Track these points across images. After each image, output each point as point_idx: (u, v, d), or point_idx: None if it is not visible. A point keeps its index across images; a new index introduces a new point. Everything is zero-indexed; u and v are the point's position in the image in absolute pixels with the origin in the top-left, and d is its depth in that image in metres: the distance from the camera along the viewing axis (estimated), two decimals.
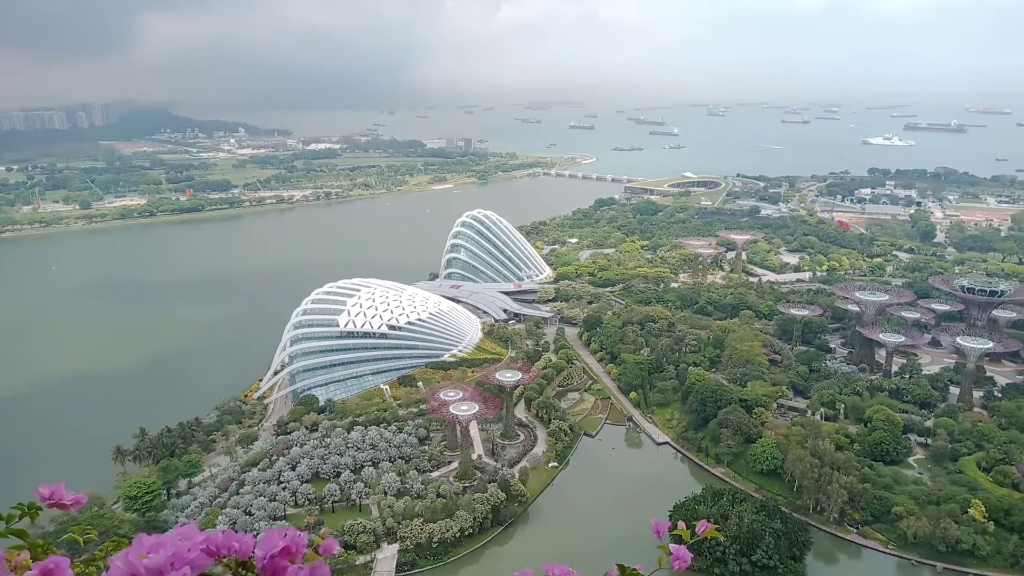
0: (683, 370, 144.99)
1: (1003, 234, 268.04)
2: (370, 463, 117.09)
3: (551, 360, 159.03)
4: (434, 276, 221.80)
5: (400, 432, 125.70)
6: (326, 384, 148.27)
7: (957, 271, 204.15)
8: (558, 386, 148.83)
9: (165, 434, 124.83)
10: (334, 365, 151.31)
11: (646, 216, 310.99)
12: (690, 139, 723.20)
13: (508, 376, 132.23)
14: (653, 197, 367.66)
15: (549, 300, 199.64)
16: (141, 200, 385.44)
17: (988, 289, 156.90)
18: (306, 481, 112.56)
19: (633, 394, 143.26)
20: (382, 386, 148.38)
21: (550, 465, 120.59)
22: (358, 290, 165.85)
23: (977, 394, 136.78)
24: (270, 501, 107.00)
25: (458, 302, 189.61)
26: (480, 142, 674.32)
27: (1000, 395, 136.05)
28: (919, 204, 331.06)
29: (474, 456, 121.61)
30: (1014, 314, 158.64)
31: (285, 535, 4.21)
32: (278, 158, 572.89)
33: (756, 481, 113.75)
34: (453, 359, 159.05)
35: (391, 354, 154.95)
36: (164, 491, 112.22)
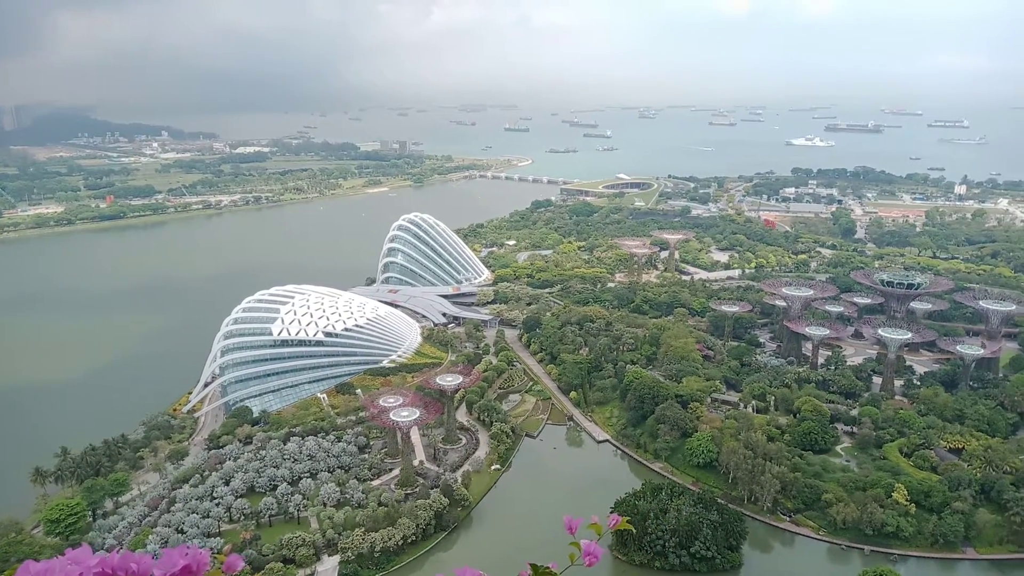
0: (621, 368, 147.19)
1: (918, 229, 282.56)
2: (308, 474, 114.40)
3: (492, 363, 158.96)
4: (371, 281, 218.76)
5: (339, 441, 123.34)
6: (260, 395, 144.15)
7: (877, 265, 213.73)
8: (499, 388, 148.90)
9: (89, 452, 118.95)
10: (268, 375, 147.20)
11: (582, 217, 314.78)
12: (623, 141, 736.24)
13: (449, 380, 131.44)
14: (589, 198, 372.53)
15: (488, 302, 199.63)
16: (58, 208, 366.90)
17: (906, 282, 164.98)
18: (241, 496, 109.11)
19: (573, 394, 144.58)
20: (319, 395, 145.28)
21: (493, 468, 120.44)
22: (292, 297, 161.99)
23: (898, 383, 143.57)
24: (203, 518, 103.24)
25: (396, 307, 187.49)
26: (415, 144, 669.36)
27: (919, 383, 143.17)
28: (840, 202, 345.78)
29: (416, 462, 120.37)
30: (930, 305, 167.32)
31: (186, 553, 3.90)
32: (204, 162, 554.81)
33: (693, 474, 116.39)
34: (392, 365, 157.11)
35: (328, 362, 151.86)
36: (89, 513, 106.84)
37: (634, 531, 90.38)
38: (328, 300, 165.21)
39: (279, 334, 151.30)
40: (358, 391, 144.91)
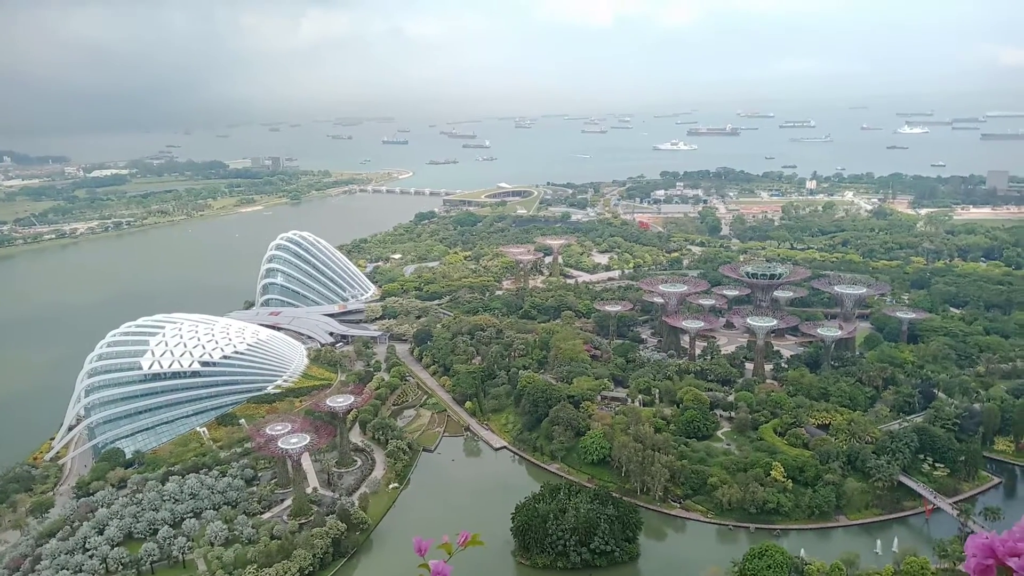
0: (514, 374, 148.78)
1: (776, 223, 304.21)
2: (192, 514, 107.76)
3: (384, 379, 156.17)
4: (250, 304, 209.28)
5: (224, 476, 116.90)
6: (132, 434, 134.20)
7: (742, 259, 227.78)
8: (393, 405, 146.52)
9: None
10: (140, 412, 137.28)
11: (467, 227, 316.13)
12: (501, 151, 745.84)
13: (339, 401, 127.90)
14: (472, 208, 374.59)
15: (377, 318, 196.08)
16: None
17: (768, 273, 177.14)
18: (118, 544, 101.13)
19: (468, 403, 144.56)
20: (199, 429, 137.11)
21: (391, 487, 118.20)
22: (163, 327, 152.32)
23: (768, 367, 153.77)
24: (75, 573, 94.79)
25: (279, 329, 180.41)
26: (289, 160, 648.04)
27: (786, 366, 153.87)
28: (705, 202, 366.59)
29: (309, 489, 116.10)
30: (791, 293, 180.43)
31: None
32: (55, 188, 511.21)
33: (589, 472, 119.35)
34: (278, 390, 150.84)
35: (207, 393, 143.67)
36: None
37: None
38: (203, 327, 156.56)
39: (150, 367, 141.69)
40: (242, 421, 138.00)
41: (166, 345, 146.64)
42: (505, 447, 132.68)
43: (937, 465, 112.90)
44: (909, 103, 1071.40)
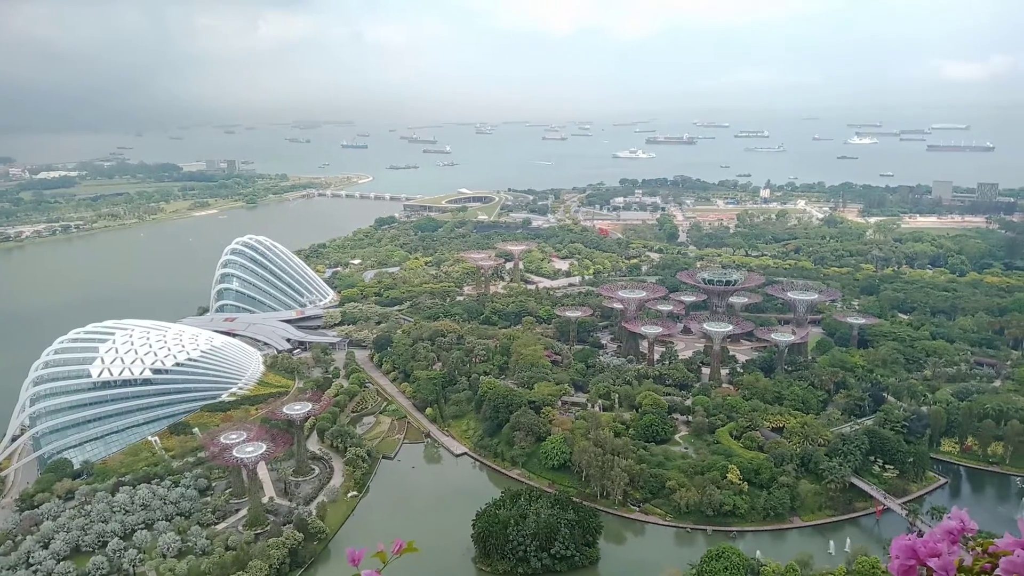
0: (475, 380, 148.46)
1: (732, 231, 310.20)
2: (143, 526, 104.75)
3: (343, 386, 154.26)
4: (204, 310, 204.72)
5: (176, 486, 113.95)
6: (80, 444, 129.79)
7: (699, 266, 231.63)
8: (352, 412, 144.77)
9: None
10: (89, 421, 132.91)
11: (427, 233, 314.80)
12: (462, 156, 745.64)
13: (297, 409, 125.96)
14: (433, 214, 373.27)
15: (336, 324, 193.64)
16: None
17: (724, 280, 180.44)
18: (64, 558, 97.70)
19: (429, 410, 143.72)
20: (151, 438, 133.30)
21: (349, 495, 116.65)
22: (113, 333, 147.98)
23: (724, 371, 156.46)
24: None
25: (234, 336, 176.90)
26: (245, 163, 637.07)
27: (742, 370, 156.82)
28: (663, 209, 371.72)
29: (265, 499, 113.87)
30: (746, 299, 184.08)
31: None
32: None
33: (549, 477, 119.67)
34: (233, 398, 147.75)
35: (159, 401, 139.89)
36: None
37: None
38: (155, 334, 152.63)
39: (100, 375, 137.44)
40: (195, 430, 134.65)
41: (116, 352, 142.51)
42: (466, 453, 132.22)
43: (887, 467, 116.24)
44: (858, 114, 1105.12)
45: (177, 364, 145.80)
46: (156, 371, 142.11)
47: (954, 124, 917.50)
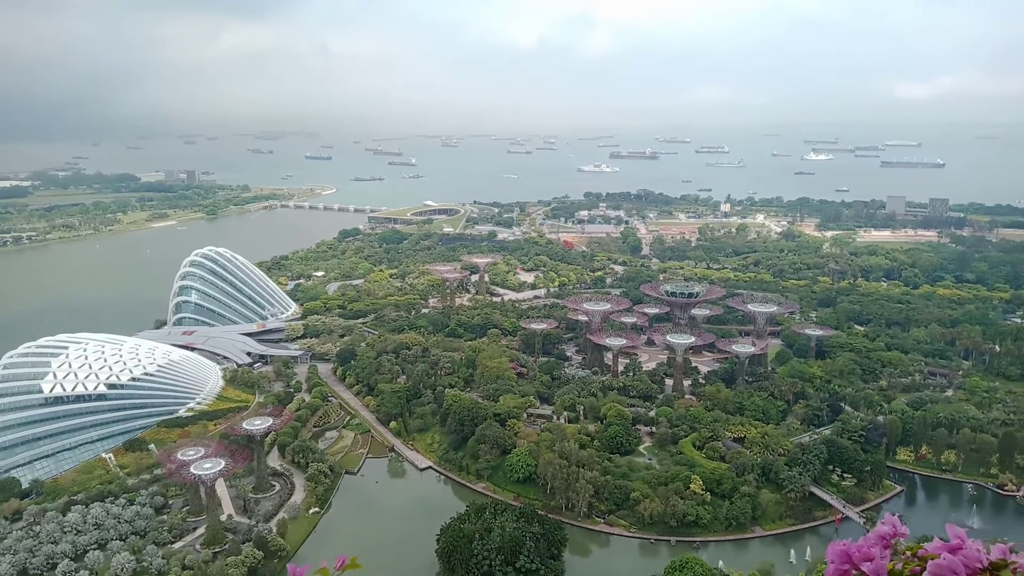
0: (440, 393, 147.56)
1: (693, 244, 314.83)
2: (96, 546, 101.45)
3: (305, 400, 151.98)
4: (161, 323, 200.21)
5: (131, 504, 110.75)
6: (30, 462, 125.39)
7: (662, 278, 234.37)
8: (314, 427, 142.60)
9: None
10: (40, 438, 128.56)
11: (392, 245, 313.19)
12: (428, 169, 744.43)
13: (257, 424, 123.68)
14: (398, 226, 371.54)
15: (298, 337, 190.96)
16: None
17: (686, 292, 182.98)
18: None
19: (393, 423, 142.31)
20: (105, 455, 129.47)
21: (311, 512, 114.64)
22: (66, 347, 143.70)
23: (687, 383, 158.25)
24: None
25: (193, 349, 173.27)
26: (205, 174, 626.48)
27: (704, 381, 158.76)
28: (627, 222, 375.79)
29: (223, 517, 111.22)
30: (708, 311, 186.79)
31: None
32: None
33: (514, 490, 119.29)
34: (191, 413, 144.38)
35: (113, 417, 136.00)
36: None
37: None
38: (110, 348, 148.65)
39: (51, 390, 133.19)
40: (151, 447, 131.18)
41: (70, 367, 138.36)
42: (431, 467, 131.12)
43: (845, 475, 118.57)
44: (815, 131, 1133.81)
45: (133, 379, 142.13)
46: (111, 386, 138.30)
47: (906, 141, 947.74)
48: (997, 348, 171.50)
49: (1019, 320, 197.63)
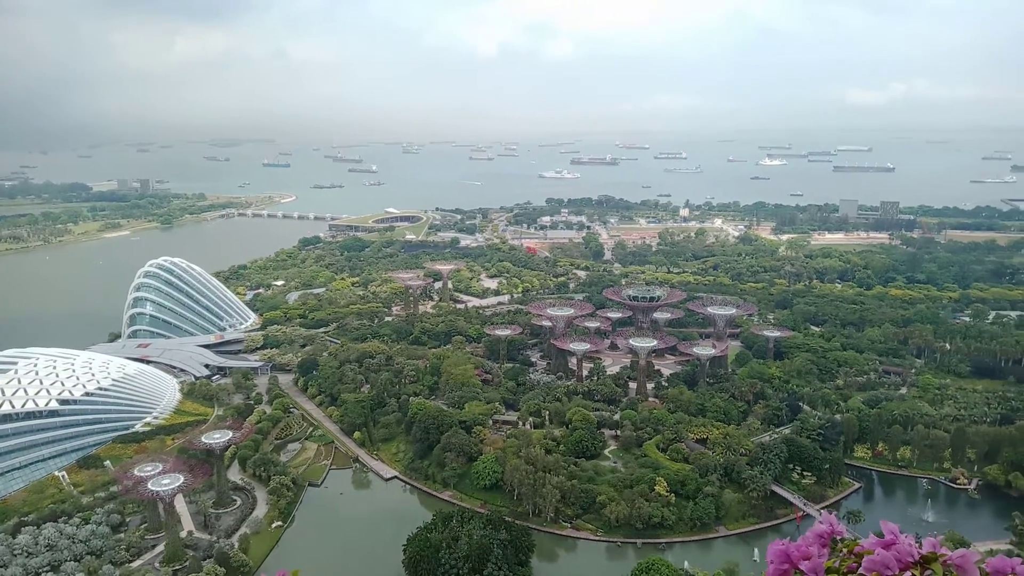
0: (405, 402, 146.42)
1: (654, 249, 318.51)
2: (48, 568, 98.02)
3: (266, 412, 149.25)
4: (116, 336, 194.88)
5: (86, 524, 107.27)
6: None
7: (624, 283, 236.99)
8: (276, 439, 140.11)
9: None
10: None
11: (354, 253, 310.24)
12: (389, 176, 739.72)
13: (216, 437, 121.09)
14: (359, 234, 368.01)
15: (257, 348, 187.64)
16: None
17: (648, 296, 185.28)
18: None
19: (357, 434, 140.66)
20: (57, 473, 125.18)
21: (274, 526, 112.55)
22: (15, 363, 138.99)
23: (650, 385, 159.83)
24: None
25: (148, 362, 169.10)
26: (160, 183, 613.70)
27: (666, 384, 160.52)
28: (589, 228, 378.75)
29: (183, 533, 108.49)
30: (669, 314, 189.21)
31: None
32: None
33: (481, 497, 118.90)
34: (148, 428, 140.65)
35: (66, 434, 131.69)
36: None
37: None
38: (62, 363, 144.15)
39: (0, 407, 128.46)
40: (107, 463, 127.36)
41: (19, 383, 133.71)
42: (396, 477, 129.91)
43: (805, 473, 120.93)
44: (770, 137, 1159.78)
45: (86, 394, 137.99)
46: (63, 402, 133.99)
47: (858, 146, 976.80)
48: (947, 346, 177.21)
49: (968, 319, 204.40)
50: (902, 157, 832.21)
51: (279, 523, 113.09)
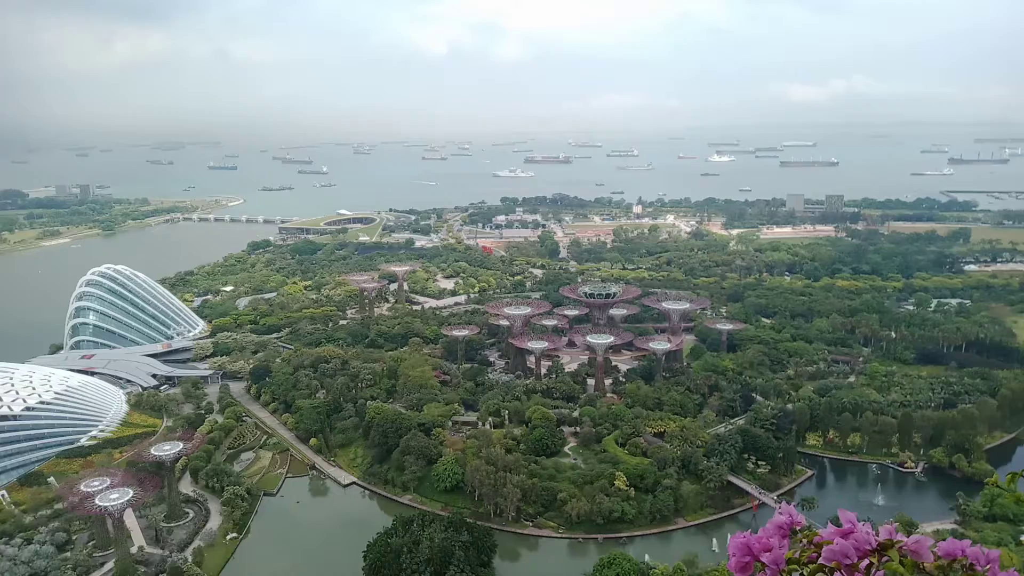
0: (362, 406, 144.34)
1: (609, 246, 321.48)
2: None
3: (217, 422, 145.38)
4: (57, 348, 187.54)
5: (29, 544, 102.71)
6: None
7: (580, 280, 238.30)
8: (228, 449, 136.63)
9: None
10: None
11: (306, 256, 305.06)
12: (340, 177, 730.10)
13: (166, 449, 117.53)
14: (311, 236, 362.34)
15: (207, 356, 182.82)
16: None
17: (604, 293, 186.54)
18: None
19: (313, 440, 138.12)
20: None
21: (228, 538, 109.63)
22: None
23: (608, 382, 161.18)
24: None
25: (93, 374, 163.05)
26: (100, 188, 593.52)
27: (624, 379, 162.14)
28: (544, 226, 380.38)
29: (134, 549, 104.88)
30: (625, 311, 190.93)
31: None
32: None
33: (442, 499, 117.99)
34: (94, 442, 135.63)
35: (6, 451, 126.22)
36: None
37: None
38: (0, 377, 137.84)
39: None
40: (50, 479, 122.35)
41: None
42: (354, 483, 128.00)
43: (759, 463, 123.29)
44: (718, 134, 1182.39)
45: (27, 408, 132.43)
46: (2, 418, 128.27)
47: (803, 142, 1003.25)
48: (893, 334, 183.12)
49: (911, 308, 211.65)
50: (845, 152, 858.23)
51: (234, 535, 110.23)
